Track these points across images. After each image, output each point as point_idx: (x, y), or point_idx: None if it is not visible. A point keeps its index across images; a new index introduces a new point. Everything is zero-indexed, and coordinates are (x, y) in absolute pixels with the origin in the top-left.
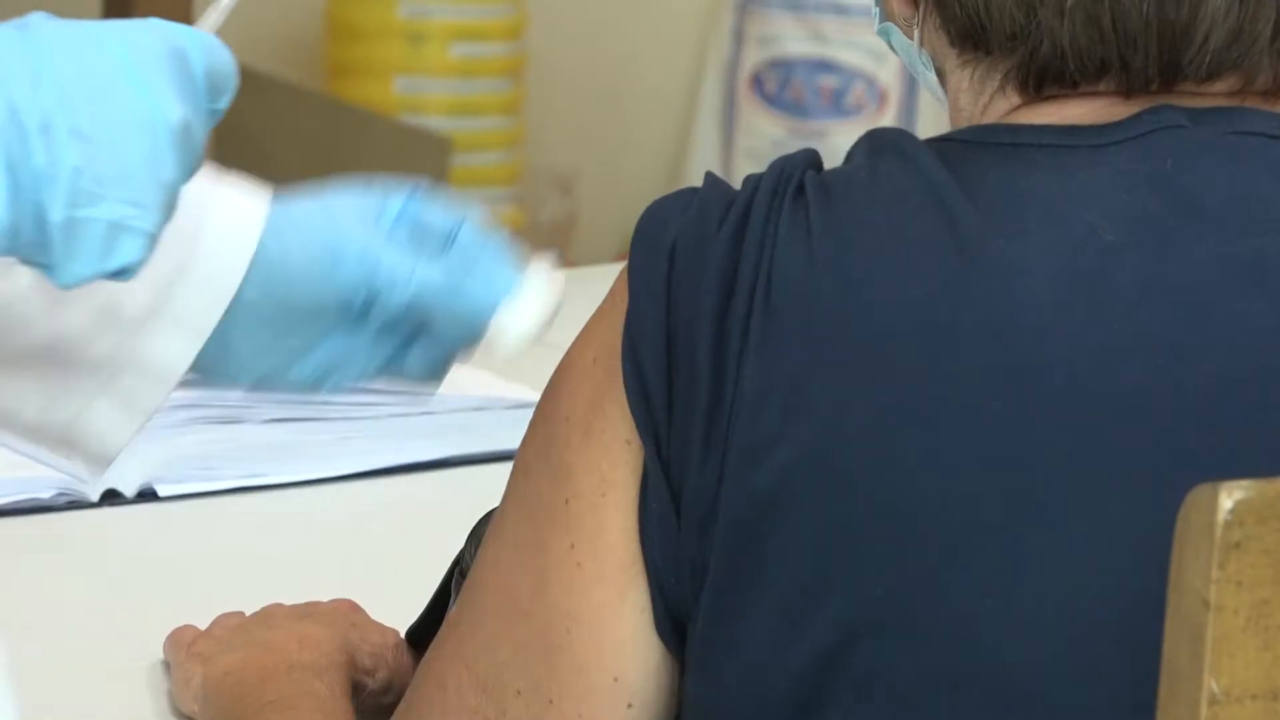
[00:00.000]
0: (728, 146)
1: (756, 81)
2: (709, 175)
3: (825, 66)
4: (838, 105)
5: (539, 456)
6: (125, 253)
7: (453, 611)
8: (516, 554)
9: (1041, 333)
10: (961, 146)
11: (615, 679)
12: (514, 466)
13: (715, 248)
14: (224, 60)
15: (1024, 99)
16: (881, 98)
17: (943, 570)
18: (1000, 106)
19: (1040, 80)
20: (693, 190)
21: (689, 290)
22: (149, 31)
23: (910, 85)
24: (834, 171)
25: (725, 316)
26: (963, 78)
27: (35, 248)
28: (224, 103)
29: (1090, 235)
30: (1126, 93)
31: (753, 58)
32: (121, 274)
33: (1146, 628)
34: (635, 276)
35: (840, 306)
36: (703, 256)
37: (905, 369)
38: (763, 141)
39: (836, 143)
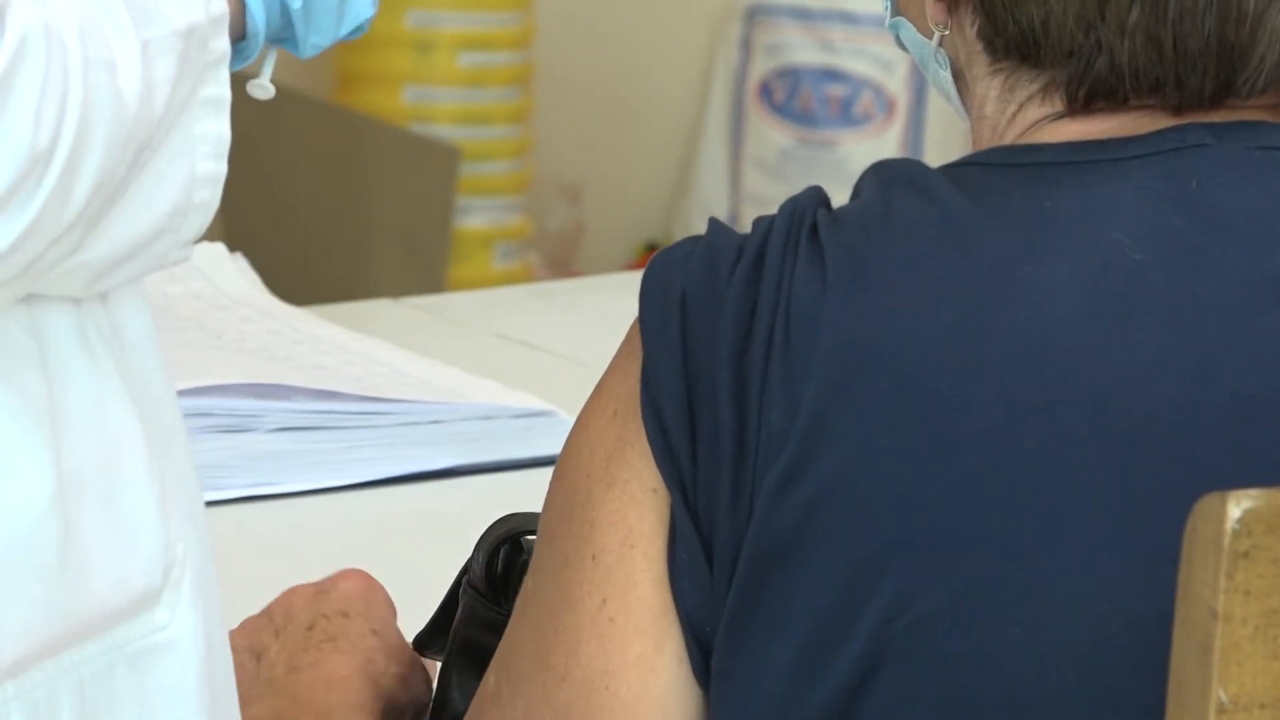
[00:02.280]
0: (735, 155)
1: (764, 90)
2: (713, 221)
3: (833, 76)
4: (846, 114)
5: (562, 518)
6: (355, 16)
7: (488, 682)
8: (548, 617)
9: (1069, 357)
10: (979, 170)
11: None
12: (538, 533)
13: (729, 292)
14: None
15: (1069, 109)
16: (890, 107)
17: (969, 600)
18: (1031, 114)
19: (1090, 96)
20: (695, 239)
21: (705, 337)
22: None
23: (918, 94)
24: (845, 208)
25: (743, 360)
26: (991, 85)
27: (281, 31)
28: None
29: (1117, 254)
30: (1176, 109)
31: (761, 67)
32: (355, 33)
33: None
34: (648, 329)
35: (862, 341)
36: (716, 303)
37: (932, 399)
38: (770, 150)
39: (845, 151)
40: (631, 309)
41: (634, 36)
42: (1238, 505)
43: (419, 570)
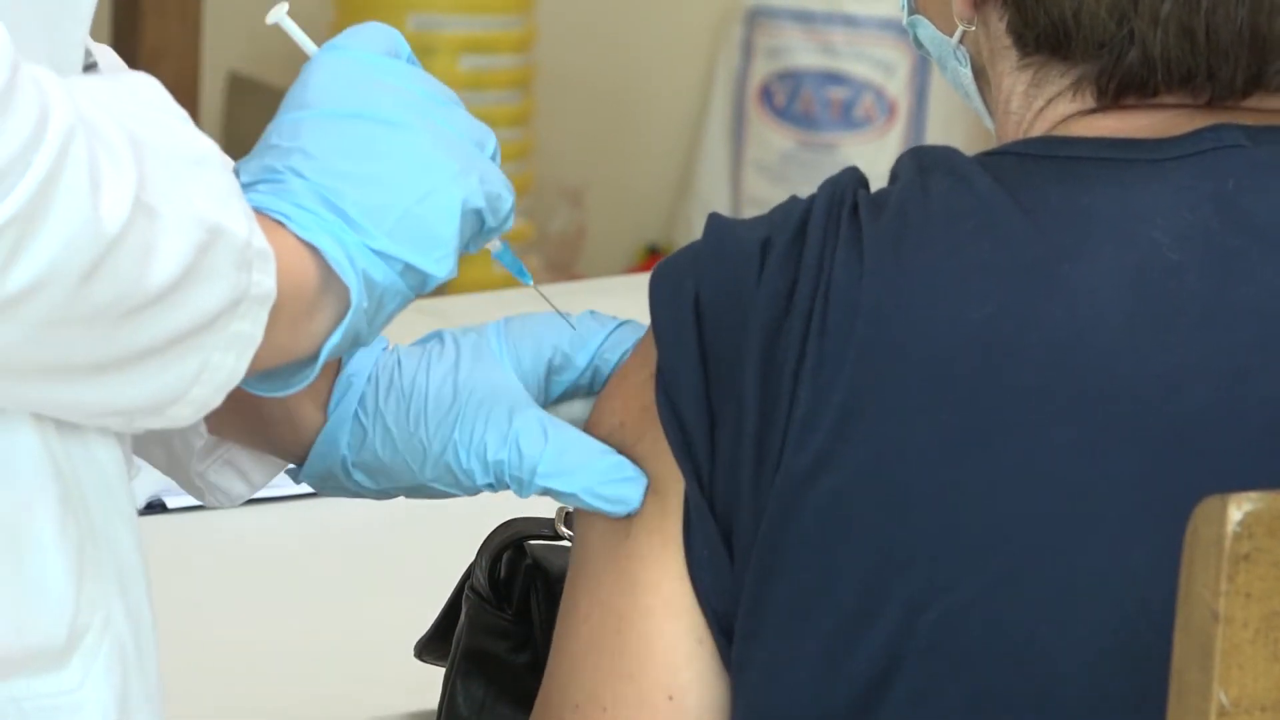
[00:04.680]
0: (737, 158)
1: (765, 93)
2: (714, 217)
3: (834, 78)
4: (847, 117)
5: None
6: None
7: None
8: (579, 559)
9: (1108, 355)
10: (1015, 161)
11: (670, 698)
12: None
13: (764, 275)
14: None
15: (1099, 104)
16: (891, 109)
17: (998, 594)
18: (1060, 110)
19: (1121, 88)
20: (696, 243)
21: (727, 326)
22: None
23: (919, 97)
24: (885, 191)
25: (777, 339)
26: (1019, 81)
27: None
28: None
29: (1154, 253)
30: (1206, 102)
31: (762, 70)
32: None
33: None
34: (662, 338)
35: (899, 328)
36: (737, 294)
37: (969, 391)
38: (771, 153)
39: (846, 154)
40: (633, 311)
41: (635, 39)
42: (1239, 508)
43: (421, 575)
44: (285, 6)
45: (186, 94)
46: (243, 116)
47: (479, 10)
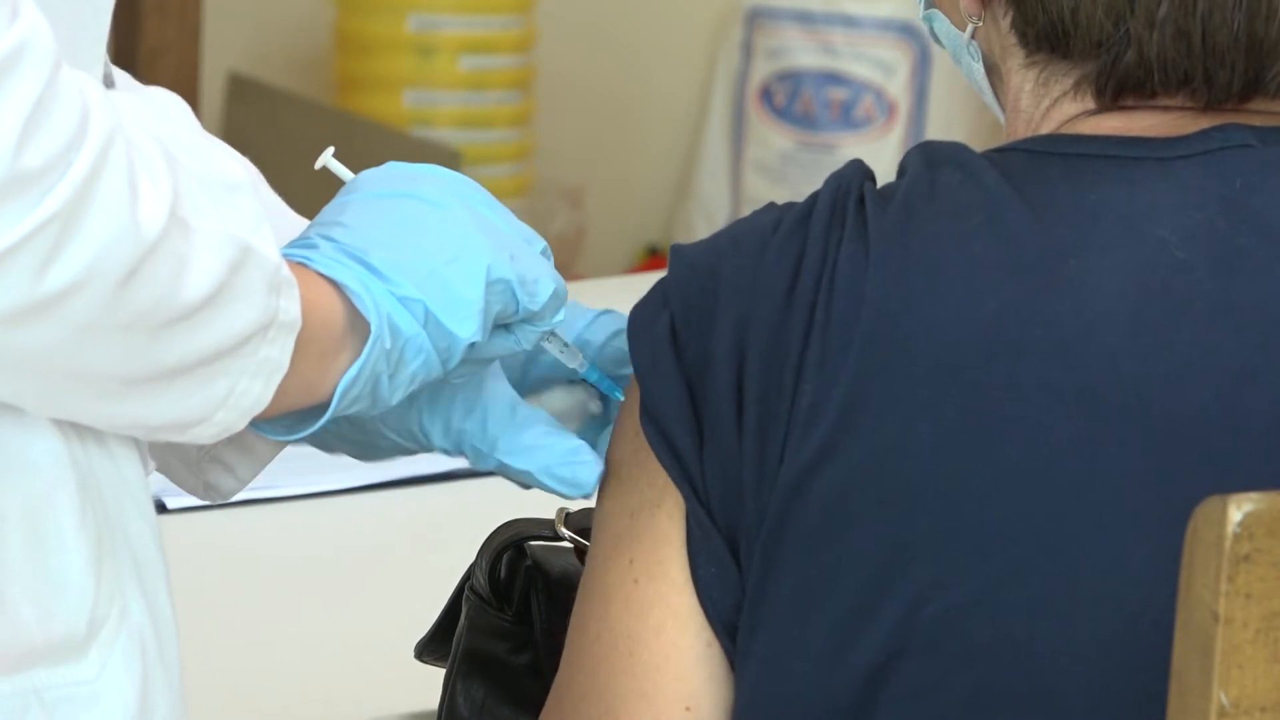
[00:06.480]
0: (737, 159)
1: (765, 94)
2: (675, 248)
3: (834, 79)
4: (846, 118)
5: (608, 474)
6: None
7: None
8: (585, 579)
9: (1113, 353)
10: (1024, 157)
11: (687, 709)
12: None
13: (764, 269)
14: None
15: (1099, 105)
16: (890, 110)
17: (1000, 591)
18: (1066, 109)
19: (1119, 89)
20: (663, 285)
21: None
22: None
23: (919, 97)
24: (892, 185)
25: (780, 334)
26: (1026, 78)
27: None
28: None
29: (1161, 251)
30: (1204, 106)
31: (762, 70)
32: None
33: None
34: (641, 370)
35: (903, 323)
36: (712, 310)
37: (972, 386)
38: (771, 154)
39: (845, 155)
40: None
41: (635, 40)
42: (1239, 509)
43: (421, 575)
44: (332, 150)
45: (186, 94)
46: (243, 116)
47: (479, 10)
